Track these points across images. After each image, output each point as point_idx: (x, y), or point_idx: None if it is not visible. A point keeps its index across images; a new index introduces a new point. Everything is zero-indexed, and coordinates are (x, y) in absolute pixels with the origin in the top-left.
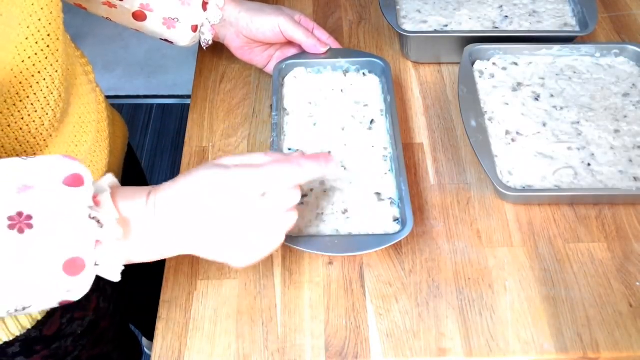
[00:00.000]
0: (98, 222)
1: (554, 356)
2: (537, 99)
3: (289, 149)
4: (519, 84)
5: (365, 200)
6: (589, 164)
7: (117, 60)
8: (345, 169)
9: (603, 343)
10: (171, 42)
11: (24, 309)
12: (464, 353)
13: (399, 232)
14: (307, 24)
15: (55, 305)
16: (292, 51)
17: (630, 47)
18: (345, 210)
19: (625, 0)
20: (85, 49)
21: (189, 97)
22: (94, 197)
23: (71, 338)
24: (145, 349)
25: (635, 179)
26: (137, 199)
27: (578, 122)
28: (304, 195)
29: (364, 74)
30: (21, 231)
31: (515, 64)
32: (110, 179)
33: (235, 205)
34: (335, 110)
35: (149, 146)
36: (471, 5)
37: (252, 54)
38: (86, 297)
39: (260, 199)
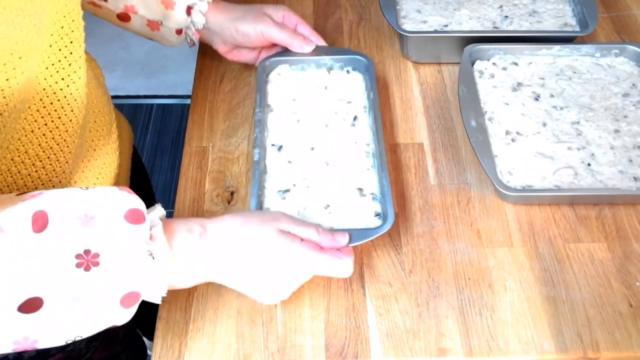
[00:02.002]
0: (152, 255)
1: (554, 356)
2: (537, 99)
3: (272, 145)
4: (519, 84)
5: (347, 195)
6: (589, 164)
7: (117, 60)
8: (327, 164)
9: (603, 343)
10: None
11: (78, 337)
12: (464, 353)
13: (380, 226)
14: (290, 20)
15: (100, 330)
16: (280, 48)
17: (630, 47)
18: (328, 206)
19: (625, 0)
20: (85, 48)
21: (189, 97)
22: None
23: (85, 340)
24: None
25: (635, 179)
26: (186, 232)
27: (578, 122)
28: (286, 190)
29: (347, 71)
30: (87, 269)
31: (515, 64)
32: (160, 211)
33: (274, 262)
34: (318, 107)
35: (149, 146)
36: (471, 5)
37: (240, 55)
38: None
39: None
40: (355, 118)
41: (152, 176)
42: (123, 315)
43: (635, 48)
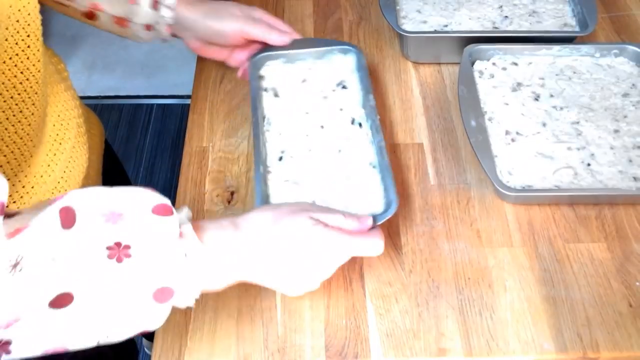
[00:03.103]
0: (184, 252)
1: (554, 356)
2: (537, 99)
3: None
4: (519, 84)
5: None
6: (588, 164)
7: (117, 60)
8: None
9: (603, 343)
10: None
11: (108, 337)
12: (463, 353)
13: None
14: (262, 17)
15: (134, 334)
16: (255, 46)
17: (630, 47)
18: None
19: (625, 0)
20: (85, 49)
21: (189, 97)
22: None
23: None
24: (145, 349)
25: (635, 179)
26: (217, 229)
27: (578, 122)
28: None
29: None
30: (120, 260)
31: (515, 64)
32: (188, 212)
33: (312, 251)
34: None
35: (149, 146)
36: (471, 5)
37: (211, 52)
38: None
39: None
40: (354, 121)
41: (152, 176)
42: (156, 313)
43: (635, 48)
